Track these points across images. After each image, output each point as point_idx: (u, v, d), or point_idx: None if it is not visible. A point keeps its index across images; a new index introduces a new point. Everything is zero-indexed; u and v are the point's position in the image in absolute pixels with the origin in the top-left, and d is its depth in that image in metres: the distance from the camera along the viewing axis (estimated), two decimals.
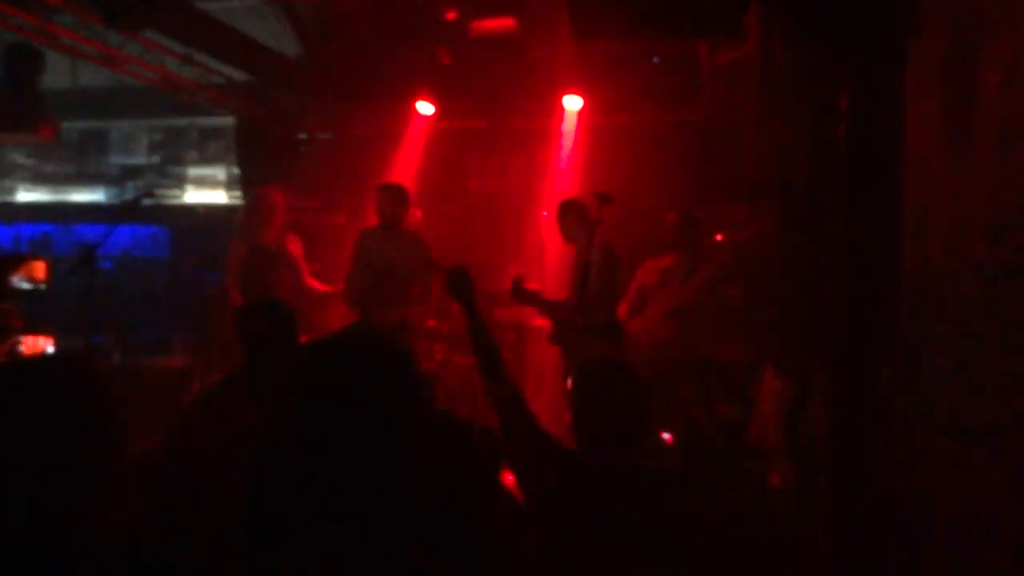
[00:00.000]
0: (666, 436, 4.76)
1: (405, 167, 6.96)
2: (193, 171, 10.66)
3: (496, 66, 6.40)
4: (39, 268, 5.09)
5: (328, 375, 1.19)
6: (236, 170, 8.93)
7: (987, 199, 2.13)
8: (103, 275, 5.07)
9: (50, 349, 4.57)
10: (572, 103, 6.31)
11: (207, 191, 10.55)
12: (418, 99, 6.77)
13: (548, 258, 6.16)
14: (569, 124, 6.39)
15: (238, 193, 9.33)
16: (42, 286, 5.07)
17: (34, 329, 4.62)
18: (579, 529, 2.04)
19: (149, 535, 1.32)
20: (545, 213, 6.21)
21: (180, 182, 10.68)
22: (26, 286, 4.91)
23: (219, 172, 10.49)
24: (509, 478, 2.04)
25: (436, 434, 1.47)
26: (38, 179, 11.31)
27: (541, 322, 6.07)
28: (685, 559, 2.08)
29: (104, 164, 10.99)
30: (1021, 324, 2.01)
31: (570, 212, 4.94)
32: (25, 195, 11.35)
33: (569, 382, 2.29)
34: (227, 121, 8.61)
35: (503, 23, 6.24)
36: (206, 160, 10.58)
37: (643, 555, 2.04)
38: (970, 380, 2.13)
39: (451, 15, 6.15)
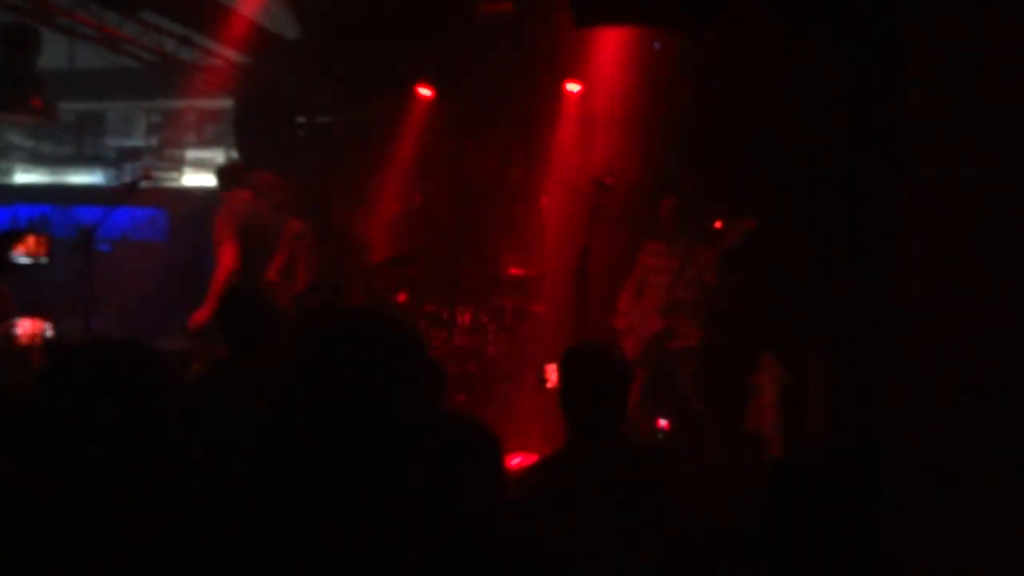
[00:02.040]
0: (663, 423, 4.78)
1: (404, 151, 6.93)
2: (191, 154, 10.62)
3: (498, 50, 6.36)
4: (39, 243, 5.07)
5: (336, 359, 1.18)
6: (235, 153, 8.89)
7: (985, 193, 2.13)
8: (101, 257, 5.05)
9: (49, 333, 4.55)
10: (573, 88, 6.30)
11: (205, 174, 10.51)
12: (418, 83, 6.74)
13: (547, 242, 6.14)
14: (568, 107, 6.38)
15: None
16: (42, 260, 5.05)
17: (30, 311, 4.60)
18: (570, 515, 2.05)
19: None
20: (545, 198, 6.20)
21: (178, 165, 10.64)
22: (26, 261, 4.89)
23: (217, 155, 10.45)
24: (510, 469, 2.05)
25: (440, 427, 1.48)
26: (36, 160, 11.26)
27: (539, 308, 6.07)
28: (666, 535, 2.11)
29: (102, 146, 10.94)
30: (1016, 317, 2.01)
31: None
32: (23, 176, 11.31)
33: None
34: (226, 104, 8.57)
35: (502, 7, 6.20)
36: (204, 143, 10.54)
37: (628, 531, 2.05)
38: (966, 371, 2.13)
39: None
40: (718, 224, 5.36)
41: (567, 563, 1.99)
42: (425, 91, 6.82)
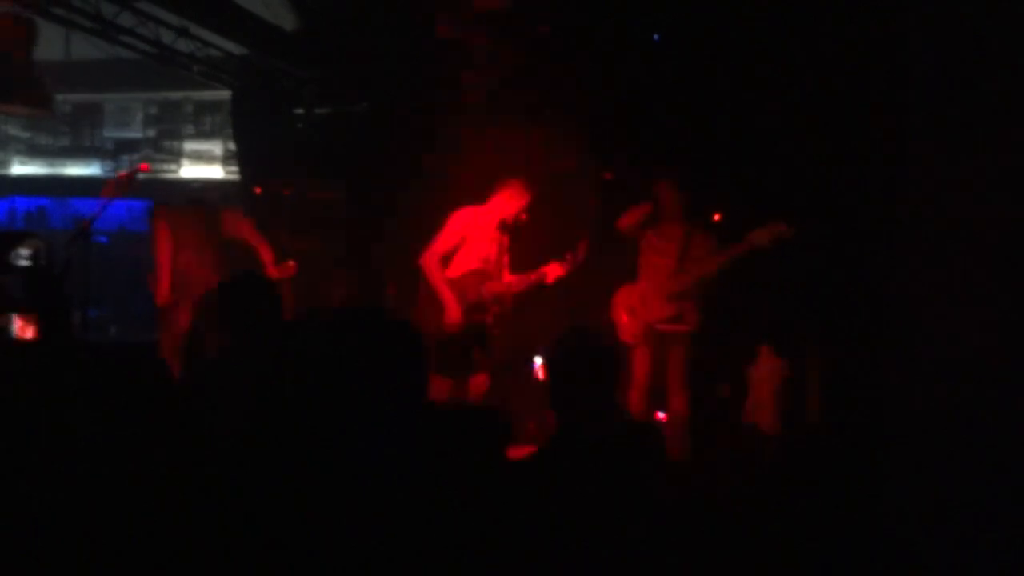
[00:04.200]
0: (661, 416, 4.78)
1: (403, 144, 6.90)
2: (189, 145, 10.60)
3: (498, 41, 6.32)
4: (38, 244, 5.11)
5: (331, 351, 1.18)
6: (232, 145, 8.87)
7: (984, 192, 2.13)
8: (98, 249, 5.06)
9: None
10: None
11: (203, 165, 10.49)
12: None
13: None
14: None
15: (234, 168, 9.27)
16: (41, 262, 5.08)
17: (22, 308, 4.63)
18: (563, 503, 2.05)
19: None
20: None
21: (176, 156, 10.62)
22: (24, 263, 4.94)
23: (215, 147, 10.43)
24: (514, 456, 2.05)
25: (440, 415, 1.47)
26: (32, 152, 11.24)
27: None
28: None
29: (99, 137, 10.92)
30: (1017, 314, 2.02)
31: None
32: (20, 168, 11.28)
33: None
34: (223, 95, 8.53)
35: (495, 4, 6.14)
36: (202, 134, 10.52)
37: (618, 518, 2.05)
38: (967, 366, 2.14)
39: None
40: (716, 217, 5.34)
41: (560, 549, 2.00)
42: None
